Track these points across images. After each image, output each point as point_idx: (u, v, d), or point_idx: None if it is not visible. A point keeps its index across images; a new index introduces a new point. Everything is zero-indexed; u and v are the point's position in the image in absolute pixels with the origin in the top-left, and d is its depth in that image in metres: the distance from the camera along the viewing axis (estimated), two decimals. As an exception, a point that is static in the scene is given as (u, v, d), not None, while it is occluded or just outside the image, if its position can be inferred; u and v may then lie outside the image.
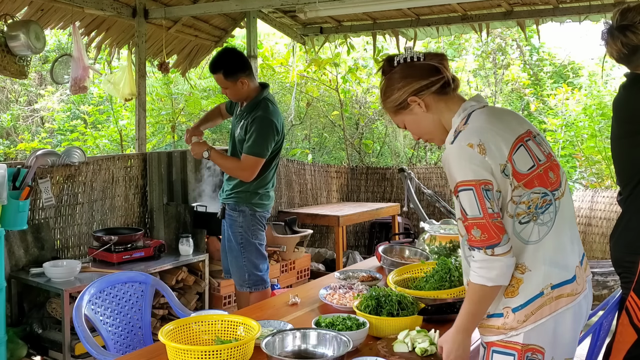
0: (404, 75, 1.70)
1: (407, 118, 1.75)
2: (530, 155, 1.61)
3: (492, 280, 1.54)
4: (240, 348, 1.73)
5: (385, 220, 6.47)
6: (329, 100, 8.48)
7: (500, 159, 1.56)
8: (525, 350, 1.59)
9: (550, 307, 1.58)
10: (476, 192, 1.53)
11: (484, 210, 1.52)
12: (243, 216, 3.38)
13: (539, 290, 1.58)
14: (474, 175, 1.53)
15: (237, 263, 3.43)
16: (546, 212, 1.61)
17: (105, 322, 2.41)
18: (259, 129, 3.26)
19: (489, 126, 1.60)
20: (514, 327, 1.59)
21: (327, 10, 4.86)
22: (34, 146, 8.31)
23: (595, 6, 4.83)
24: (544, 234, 1.60)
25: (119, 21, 4.85)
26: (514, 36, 9.49)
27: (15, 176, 3.47)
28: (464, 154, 1.56)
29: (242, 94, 3.38)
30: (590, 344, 2.09)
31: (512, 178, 1.56)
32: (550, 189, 1.62)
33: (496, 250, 1.52)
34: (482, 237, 1.53)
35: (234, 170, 3.37)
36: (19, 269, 3.60)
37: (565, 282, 1.61)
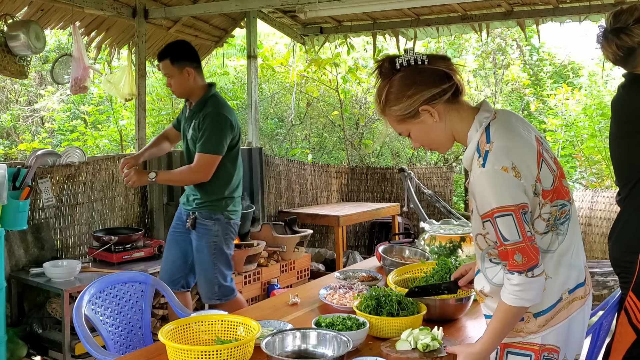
0: (412, 81, 1.57)
1: (414, 127, 1.63)
2: (549, 169, 1.59)
3: (531, 301, 1.54)
4: (240, 348, 1.73)
5: (385, 220, 6.47)
6: (329, 100, 8.49)
7: (531, 179, 1.54)
8: (542, 350, 1.62)
9: (567, 311, 1.62)
10: (516, 218, 1.50)
11: (524, 235, 1.50)
12: (219, 224, 3.19)
13: (559, 296, 1.61)
14: (513, 201, 1.50)
15: (206, 275, 3.23)
16: (565, 222, 1.63)
17: (105, 322, 2.41)
18: (211, 126, 3.09)
19: (515, 145, 1.55)
20: (533, 332, 1.61)
21: (327, 10, 4.86)
22: (34, 146, 8.31)
23: (595, 6, 4.84)
24: (562, 241, 1.63)
25: (119, 21, 4.85)
26: (514, 36, 9.49)
27: (15, 176, 3.47)
28: (501, 179, 1.50)
29: (187, 87, 3.18)
30: (590, 344, 2.09)
31: (541, 197, 1.57)
32: (567, 198, 1.64)
33: (535, 272, 1.52)
34: (523, 261, 1.51)
35: (188, 176, 3.16)
36: (19, 269, 3.60)
37: (579, 286, 1.65)
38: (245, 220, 4.55)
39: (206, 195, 3.19)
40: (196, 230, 3.21)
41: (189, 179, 3.18)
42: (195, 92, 3.21)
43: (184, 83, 3.17)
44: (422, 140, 1.68)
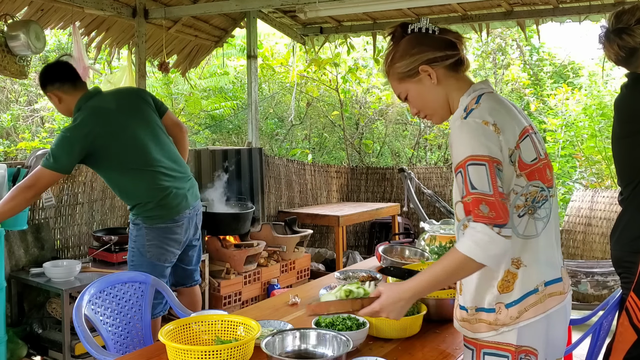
0: (419, 42, 1.62)
1: (412, 88, 1.65)
2: (534, 147, 1.58)
3: (488, 258, 1.43)
4: (240, 348, 1.73)
5: (385, 220, 6.47)
6: (329, 100, 8.49)
7: (511, 143, 1.51)
8: (519, 351, 1.56)
9: (543, 305, 1.55)
10: (489, 169, 1.44)
11: (495, 188, 1.42)
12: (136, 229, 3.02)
13: (533, 287, 1.55)
14: (489, 152, 1.45)
15: None
16: (543, 208, 1.58)
17: (105, 322, 2.41)
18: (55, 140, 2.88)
19: (501, 109, 1.56)
20: (506, 324, 1.54)
21: (327, 10, 4.86)
22: (34, 146, 8.31)
23: (595, 6, 4.84)
24: (541, 229, 1.57)
25: (119, 21, 4.85)
26: (514, 36, 9.50)
27: (15, 176, 3.47)
28: (480, 130, 1.48)
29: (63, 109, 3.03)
30: (590, 344, 2.09)
31: (517, 166, 1.52)
32: (547, 185, 1.60)
33: (503, 231, 1.41)
34: (489, 214, 1.41)
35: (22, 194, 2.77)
36: (19, 269, 3.60)
37: (555, 281, 1.59)
38: (245, 220, 4.55)
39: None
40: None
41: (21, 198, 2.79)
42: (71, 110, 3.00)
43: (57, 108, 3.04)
44: (418, 103, 1.68)
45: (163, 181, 3.00)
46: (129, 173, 2.97)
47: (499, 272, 1.56)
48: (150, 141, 3.01)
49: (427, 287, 1.55)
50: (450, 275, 1.51)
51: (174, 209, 3.03)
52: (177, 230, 3.06)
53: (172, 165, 3.07)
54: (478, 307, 1.61)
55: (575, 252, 5.49)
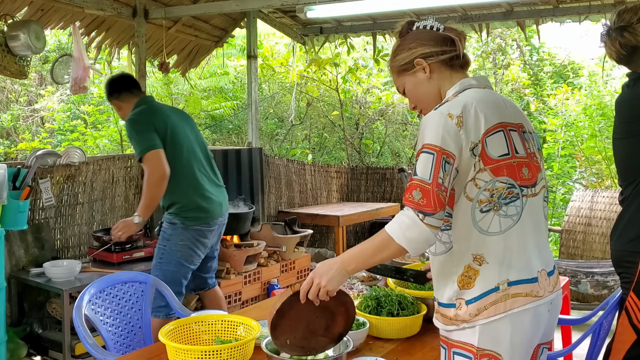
0: (418, 37, 1.68)
1: (408, 80, 1.70)
2: (507, 143, 1.55)
3: (405, 240, 1.48)
4: (240, 348, 1.73)
5: (385, 220, 6.47)
6: (329, 100, 8.49)
7: (474, 137, 1.51)
8: (481, 355, 1.52)
9: (505, 304, 1.50)
10: (436, 158, 1.47)
11: (435, 178, 1.46)
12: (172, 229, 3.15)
13: (494, 285, 1.51)
14: (442, 143, 1.48)
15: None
16: (511, 205, 1.53)
17: (105, 322, 2.41)
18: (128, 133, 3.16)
19: (474, 102, 1.55)
20: (465, 320, 1.52)
21: (327, 10, 4.87)
22: (34, 146, 8.32)
23: (595, 6, 4.84)
24: (507, 227, 1.53)
25: (119, 21, 4.85)
26: (514, 36, 9.50)
27: (16, 176, 3.47)
28: (441, 121, 1.51)
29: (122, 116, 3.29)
30: (590, 344, 2.09)
31: (479, 159, 1.51)
32: (519, 182, 1.55)
33: (427, 219, 1.45)
34: (419, 201, 1.46)
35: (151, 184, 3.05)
36: (19, 269, 3.60)
37: (524, 281, 1.53)
38: (245, 220, 4.55)
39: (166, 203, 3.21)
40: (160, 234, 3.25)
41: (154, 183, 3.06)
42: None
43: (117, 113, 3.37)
44: (413, 96, 1.73)
45: (206, 186, 3.24)
46: (177, 171, 3.13)
47: (459, 266, 1.55)
48: (197, 147, 3.29)
49: (355, 259, 1.60)
50: (375, 251, 1.55)
51: (210, 214, 3.23)
52: (208, 234, 3.25)
53: (212, 173, 3.37)
54: (439, 302, 1.61)
55: (575, 252, 5.49)
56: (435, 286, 1.64)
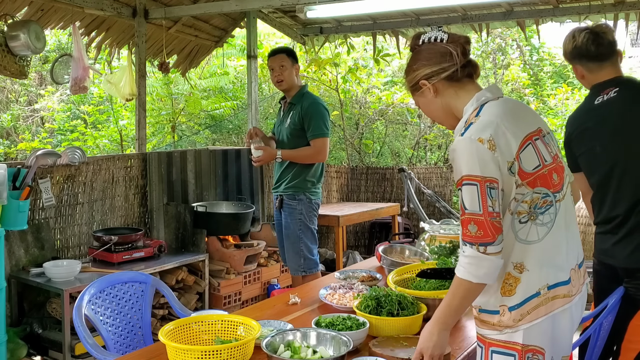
0: (420, 57, 1.72)
1: (419, 100, 1.78)
2: (537, 154, 1.60)
3: (479, 278, 1.54)
4: (240, 348, 1.73)
5: (385, 220, 6.47)
6: (329, 100, 8.48)
7: (508, 156, 1.55)
8: (526, 351, 1.58)
9: (546, 307, 1.58)
10: (480, 189, 1.52)
11: (485, 208, 1.52)
12: (302, 204, 3.75)
13: (535, 290, 1.58)
14: (481, 172, 1.52)
15: (294, 249, 3.76)
16: (546, 213, 1.60)
17: (105, 322, 2.41)
18: (313, 113, 3.67)
19: (500, 121, 1.58)
20: (509, 326, 1.59)
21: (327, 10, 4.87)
22: (34, 146, 8.32)
23: (595, 6, 4.84)
24: (543, 235, 1.60)
25: (119, 21, 4.86)
26: (514, 36, 9.50)
27: (16, 176, 3.47)
28: (474, 149, 1.54)
29: (291, 80, 3.78)
30: (590, 344, 2.08)
31: (517, 176, 1.56)
32: (552, 190, 1.61)
33: (488, 249, 1.52)
34: (477, 234, 1.53)
35: (310, 157, 3.71)
36: (19, 269, 3.60)
37: (561, 284, 1.61)
38: (245, 220, 4.55)
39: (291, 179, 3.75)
40: (284, 209, 3.79)
41: (312, 158, 3.72)
42: (294, 86, 3.81)
43: (291, 76, 3.78)
44: (426, 113, 1.81)
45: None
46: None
47: (502, 275, 1.60)
48: None
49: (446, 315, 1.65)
50: (461, 299, 1.61)
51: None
52: None
53: None
54: (481, 309, 1.65)
55: (575, 252, 5.48)
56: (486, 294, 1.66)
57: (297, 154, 3.72)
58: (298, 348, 1.80)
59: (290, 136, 3.76)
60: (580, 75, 2.39)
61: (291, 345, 1.81)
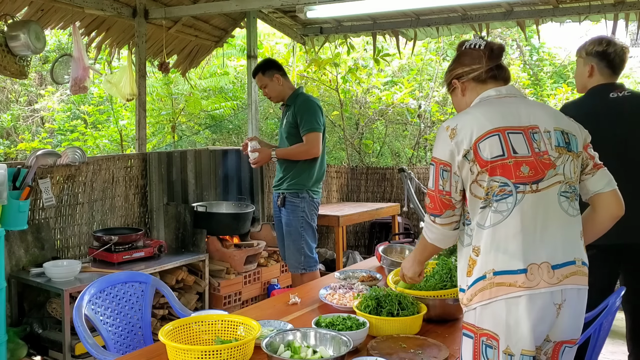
0: (456, 59, 1.91)
1: (453, 98, 1.96)
2: (502, 145, 1.68)
3: (430, 239, 1.85)
4: (240, 348, 1.73)
5: (385, 220, 6.47)
6: (329, 100, 8.48)
7: (466, 144, 1.69)
8: (480, 334, 1.67)
9: (490, 292, 1.65)
10: (435, 169, 1.75)
11: (436, 185, 1.75)
12: (304, 202, 3.82)
13: (482, 273, 1.67)
14: (440, 155, 1.74)
15: (295, 246, 3.83)
16: (502, 202, 1.67)
17: (105, 322, 2.41)
18: (305, 110, 3.76)
19: (473, 113, 1.75)
20: (464, 304, 1.73)
21: (327, 10, 4.86)
22: (34, 146, 8.32)
23: (595, 6, 4.84)
24: (496, 221, 1.67)
25: (119, 21, 4.85)
26: (514, 36, 9.50)
27: (16, 176, 3.47)
28: (440, 135, 1.76)
29: (277, 92, 3.90)
30: (590, 344, 2.08)
31: (475, 163, 1.68)
32: (514, 180, 1.65)
33: (437, 220, 1.78)
34: (429, 205, 1.79)
35: (303, 152, 3.77)
36: (19, 269, 3.60)
37: (510, 272, 1.63)
38: (245, 220, 4.55)
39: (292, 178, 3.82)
40: (286, 207, 3.85)
41: (304, 153, 3.77)
42: (286, 93, 3.92)
43: (275, 88, 3.90)
44: (457, 109, 1.95)
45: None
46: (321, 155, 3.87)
47: (466, 258, 1.75)
48: None
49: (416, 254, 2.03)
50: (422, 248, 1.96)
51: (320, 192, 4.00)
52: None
53: None
54: (460, 288, 1.79)
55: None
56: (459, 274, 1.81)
57: (290, 151, 3.82)
58: (298, 348, 1.80)
59: (288, 135, 3.86)
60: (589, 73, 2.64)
61: (291, 345, 1.81)
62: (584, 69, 2.65)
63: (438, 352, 1.88)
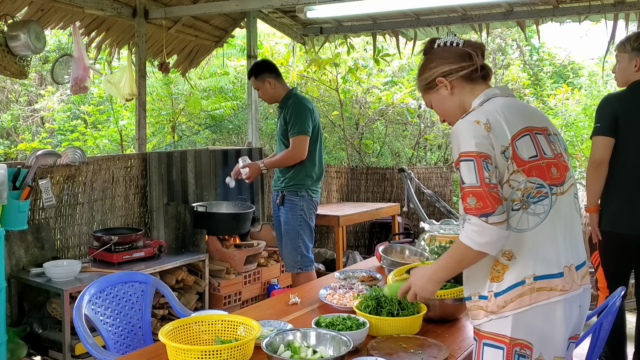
0: (438, 56, 1.79)
1: (433, 97, 1.84)
2: (535, 146, 1.65)
3: (479, 245, 1.57)
4: (240, 348, 1.73)
5: (385, 220, 6.47)
6: (329, 100, 8.49)
7: (503, 140, 1.61)
8: (514, 344, 1.60)
9: (530, 297, 1.59)
10: (476, 163, 1.58)
11: (482, 179, 1.57)
12: (303, 200, 3.83)
13: (521, 279, 1.61)
14: (477, 147, 1.59)
15: (292, 245, 3.85)
16: (539, 204, 1.62)
17: (105, 322, 2.41)
18: (293, 112, 3.74)
19: (499, 109, 1.66)
20: (494, 312, 1.62)
21: (327, 10, 4.86)
22: (34, 146, 8.32)
23: (595, 6, 4.84)
24: (534, 224, 1.62)
25: (119, 21, 4.86)
26: (514, 36, 9.50)
27: (16, 176, 3.47)
28: (471, 128, 1.61)
29: (270, 94, 3.92)
30: (590, 344, 2.08)
31: (512, 162, 1.61)
32: (548, 182, 1.64)
33: (490, 219, 1.56)
34: (477, 205, 1.57)
35: (289, 158, 3.78)
36: (19, 269, 3.60)
37: (549, 276, 1.61)
38: (245, 220, 4.55)
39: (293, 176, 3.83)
40: (285, 205, 3.86)
41: (291, 158, 3.77)
42: (280, 95, 3.92)
43: (267, 91, 3.91)
44: (439, 111, 1.86)
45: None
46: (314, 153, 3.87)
47: (491, 261, 1.65)
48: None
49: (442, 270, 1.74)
50: (456, 262, 1.68)
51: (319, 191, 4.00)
52: None
53: None
54: (479, 295, 1.69)
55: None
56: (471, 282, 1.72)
57: (277, 161, 3.86)
58: (298, 348, 1.80)
59: (282, 137, 3.89)
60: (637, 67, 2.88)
61: (291, 345, 1.81)
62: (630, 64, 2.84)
63: (438, 352, 1.88)
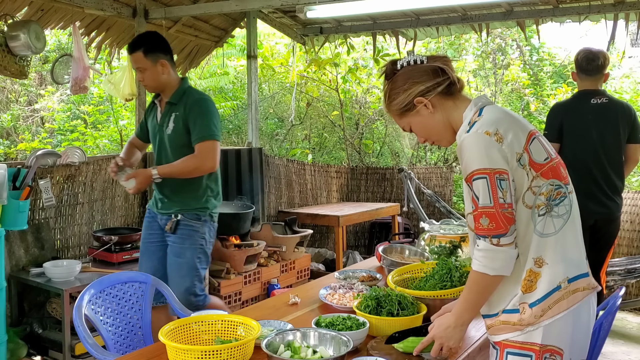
0: (408, 77, 1.70)
1: (413, 120, 1.74)
2: (543, 148, 1.64)
3: (495, 270, 1.55)
4: (240, 348, 1.73)
5: (385, 220, 6.47)
6: (329, 100, 8.49)
7: (517, 147, 1.57)
8: (544, 351, 1.57)
9: (567, 301, 1.57)
10: (490, 181, 1.53)
11: (495, 200, 1.53)
12: (206, 226, 3.03)
13: (556, 284, 1.57)
14: (490, 164, 1.54)
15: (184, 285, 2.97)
16: (561, 205, 1.61)
17: (105, 322, 2.41)
18: (200, 112, 2.95)
19: (504, 117, 1.62)
20: (530, 323, 1.57)
21: (327, 10, 4.86)
22: (34, 146, 8.31)
23: (595, 6, 4.84)
24: (560, 227, 1.60)
25: (119, 21, 4.85)
26: (514, 36, 9.49)
27: (16, 176, 3.47)
28: (481, 142, 1.55)
29: (160, 80, 3.04)
30: (590, 344, 2.08)
31: (530, 168, 1.58)
32: (563, 182, 1.64)
33: (502, 241, 1.53)
34: (489, 226, 1.54)
35: (195, 168, 2.94)
36: (19, 269, 3.60)
37: (581, 276, 1.61)
38: (245, 220, 4.55)
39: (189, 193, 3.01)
40: (177, 234, 3.00)
41: (197, 169, 2.94)
42: (170, 85, 3.07)
43: (158, 76, 3.04)
44: (421, 132, 1.77)
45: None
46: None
47: (522, 272, 1.60)
48: None
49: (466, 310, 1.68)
50: (478, 294, 1.63)
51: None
52: None
53: None
54: (504, 310, 1.63)
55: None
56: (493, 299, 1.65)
57: (177, 168, 2.95)
58: (298, 348, 1.80)
59: (176, 145, 3.02)
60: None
61: (291, 345, 1.81)
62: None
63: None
